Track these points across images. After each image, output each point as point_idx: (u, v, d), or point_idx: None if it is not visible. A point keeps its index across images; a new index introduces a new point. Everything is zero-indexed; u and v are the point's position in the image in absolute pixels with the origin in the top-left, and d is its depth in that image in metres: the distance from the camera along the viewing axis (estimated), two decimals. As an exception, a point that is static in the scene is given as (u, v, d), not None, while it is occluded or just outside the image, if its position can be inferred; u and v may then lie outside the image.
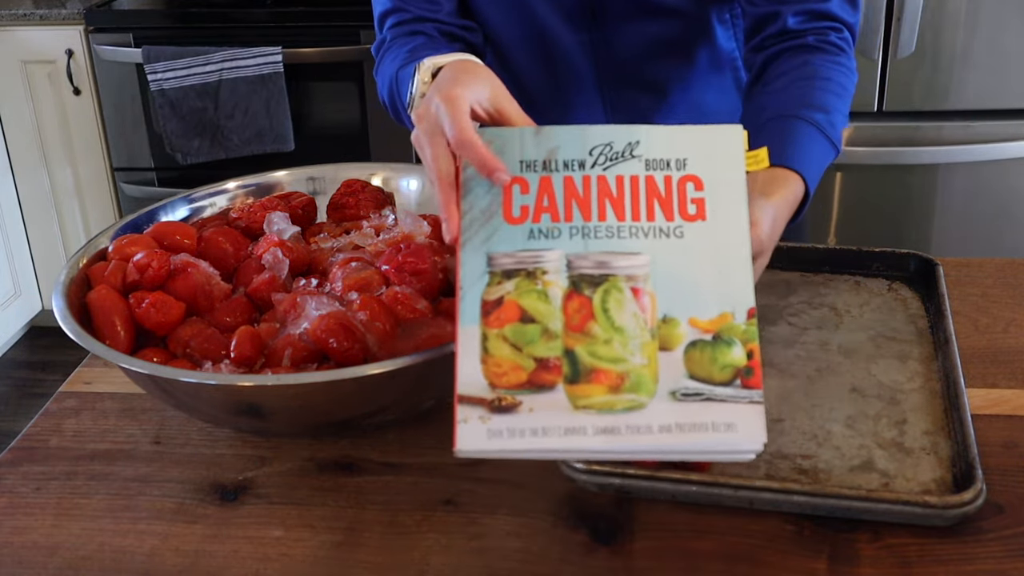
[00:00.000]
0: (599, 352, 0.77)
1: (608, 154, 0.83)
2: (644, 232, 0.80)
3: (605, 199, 0.81)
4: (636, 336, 0.77)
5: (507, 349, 0.77)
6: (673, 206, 0.81)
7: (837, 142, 1.04)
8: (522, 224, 0.81)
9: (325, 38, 2.65)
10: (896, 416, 0.93)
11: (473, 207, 0.81)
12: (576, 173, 0.82)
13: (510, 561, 0.80)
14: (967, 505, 0.79)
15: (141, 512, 0.87)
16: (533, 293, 0.78)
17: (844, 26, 1.14)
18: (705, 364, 0.76)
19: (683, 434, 0.74)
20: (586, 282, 0.79)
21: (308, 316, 0.91)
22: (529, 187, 0.82)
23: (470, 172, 0.82)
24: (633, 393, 0.75)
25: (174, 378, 0.85)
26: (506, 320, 0.78)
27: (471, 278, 0.79)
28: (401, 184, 1.17)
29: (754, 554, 0.80)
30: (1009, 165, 2.45)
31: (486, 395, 0.75)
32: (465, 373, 0.76)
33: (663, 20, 1.19)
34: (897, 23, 2.34)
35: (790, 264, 1.17)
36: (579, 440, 0.74)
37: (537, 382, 0.76)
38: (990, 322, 1.09)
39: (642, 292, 0.78)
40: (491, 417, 0.74)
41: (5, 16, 2.75)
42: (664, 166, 0.82)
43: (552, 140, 0.83)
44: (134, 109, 2.78)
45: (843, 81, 1.10)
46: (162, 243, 1.01)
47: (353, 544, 0.83)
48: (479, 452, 0.74)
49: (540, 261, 0.79)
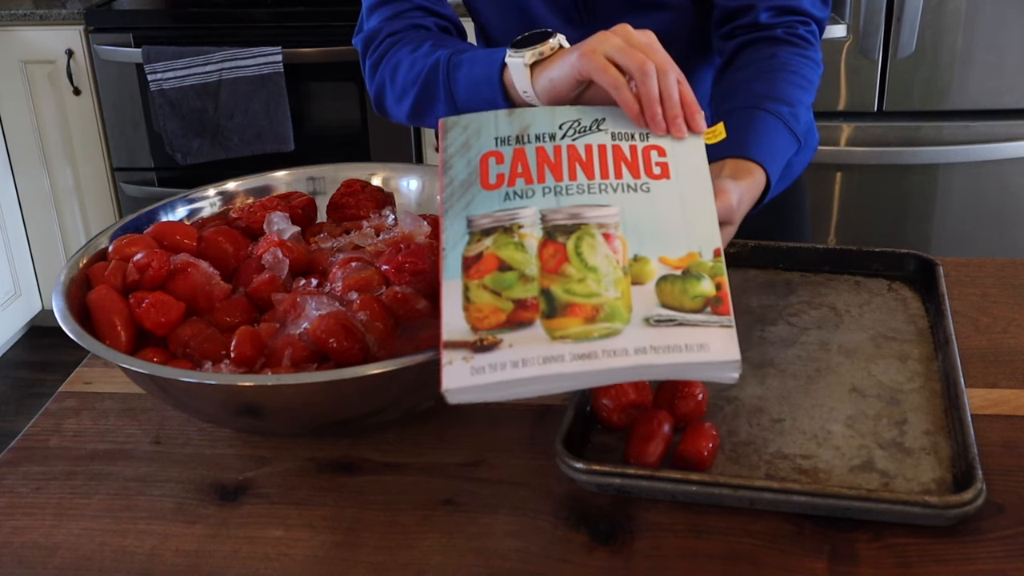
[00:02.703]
0: (574, 289, 0.80)
1: (577, 128, 0.89)
2: (613, 188, 0.85)
3: (575, 162, 0.87)
4: (609, 274, 0.81)
5: (487, 296, 0.80)
6: (639, 167, 0.87)
7: (800, 135, 1.08)
8: (498, 189, 0.86)
9: (325, 38, 2.65)
10: (896, 416, 0.93)
11: (453, 180, 0.87)
12: (548, 144, 0.89)
13: (510, 561, 0.80)
14: (967, 505, 0.79)
15: (141, 512, 0.87)
16: (510, 245, 0.83)
17: (813, 20, 1.18)
18: (676, 295, 0.80)
19: (658, 355, 0.76)
20: (560, 231, 0.83)
21: (308, 316, 0.91)
22: (504, 158, 0.88)
23: (451, 151, 0.89)
24: (608, 322, 0.78)
25: (174, 378, 0.85)
26: (486, 271, 0.82)
27: (452, 240, 0.84)
28: (401, 184, 1.17)
29: (754, 554, 0.80)
30: (1009, 165, 2.45)
31: (468, 338, 0.78)
32: (448, 321, 0.79)
33: (654, 15, 1.22)
34: (897, 23, 2.34)
35: (790, 264, 1.17)
36: (557, 366, 0.76)
37: (516, 320, 0.79)
38: (990, 322, 1.09)
39: (613, 237, 0.83)
40: (473, 356, 0.77)
41: (5, 16, 2.75)
42: (629, 137, 0.89)
43: (524, 119, 0.90)
44: (134, 109, 2.78)
45: (809, 75, 1.14)
46: (162, 243, 1.01)
47: (353, 544, 0.83)
48: (464, 388, 0.76)
49: (516, 218, 0.84)
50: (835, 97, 2.45)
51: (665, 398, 0.91)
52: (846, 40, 2.38)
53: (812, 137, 1.40)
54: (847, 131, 2.46)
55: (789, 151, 1.07)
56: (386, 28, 1.22)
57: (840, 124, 2.45)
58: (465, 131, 0.90)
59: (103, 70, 2.76)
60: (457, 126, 0.91)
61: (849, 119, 2.46)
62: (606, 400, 0.91)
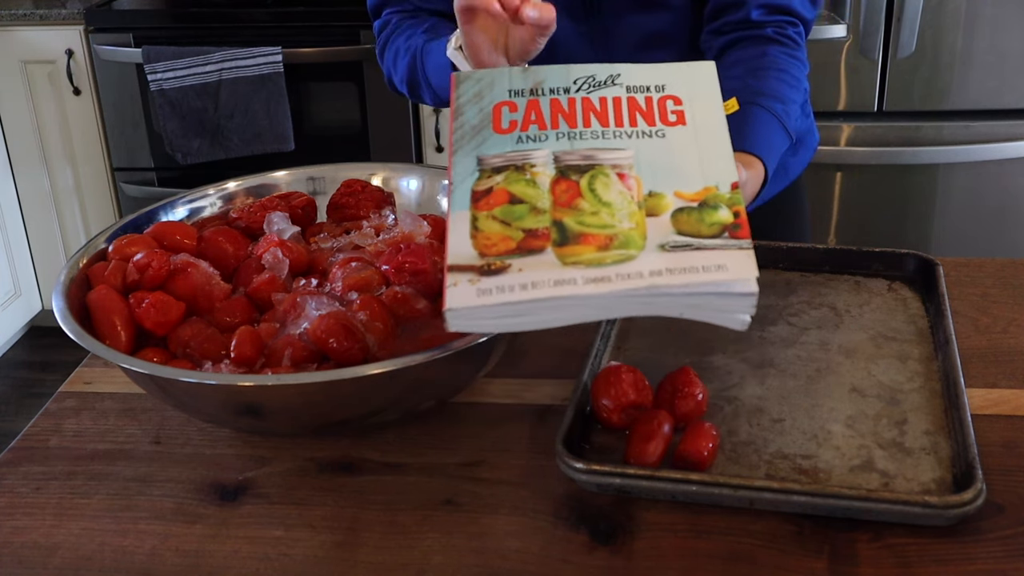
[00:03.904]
0: (587, 220, 0.79)
1: (591, 83, 0.89)
2: (628, 135, 0.85)
3: (590, 112, 0.87)
4: (623, 208, 0.79)
5: (497, 226, 0.79)
6: (655, 116, 0.86)
7: (792, 132, 1.11)
8: (511, 133, 0.85)
9: (325, 38, 2.65)
10: (896, 416, 0.93)
11: (464, 124, 0.86)
12: (562, 96, 0.88)
13: (510, 561, 0.80)
14: (967, 505, 0.79)
15: (141, 512, 0.87)
16: (522, 181, 0.81)
17: (801, 21, 1.20)
18: (693, 223, 0.78)
19: (673, 276, 0.74)
20: (573, 170, 0.82)
21: (308, 316, 0.91)
22: (518, 107, 0.87)
23: (462, 100, 0.88)
24: (622, 248, 0.76)
25: (174, 378, 0.84)
26: (495, 204, 0.80)
27: (461, 176, 0.82)
28: (401, 184, 1.17)
29: (754, 554, 0.80)
30: (1009, 165, 2.45)
31: (475, 262, 0.76)
32: (455, 247, 0.77)
33: (657, 14, 1.23)
34: (897, 23, 2.34)
35: (790, 264, 1.17)
36: (569, 288, 0.74)
37: (526, 247, 0.77)
38: (990, 322, 1.09)
39: (627, 176, 0.82)
40: (480, 279, 0.75)
41: (5, 16, 2.75)
42: (644, 90, 0.89)
43: (538, 75, 0.91)
44: (134, 109, 2.78)
45: (797, 74, 1.17)
46: (162, 243, 1.01)
47: (353, 544, 0.83)
48: (468, 309, 0.73)
49: (528, 158, 0.83)
50: (835, 97, 2.45)
51: (665, 398, 0.92)
52: (846, 40, 2.38)
53: (812, 137, 1.41)
54: (847, 131, 2.46)
55: (783, 147, 1.09)
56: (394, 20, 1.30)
57: (840, 124, 2.45)
58: (478, 83, 0.90)
59: (103, 70, 2.76)
60: (470, 79, 0.91)
61: (849, 119, 2.46)
62: (606, 400, 0.91)
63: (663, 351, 1.03)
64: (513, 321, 0.74)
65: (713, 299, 0.75)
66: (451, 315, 0.73)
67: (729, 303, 0.75)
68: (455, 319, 0.73)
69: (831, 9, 2.37)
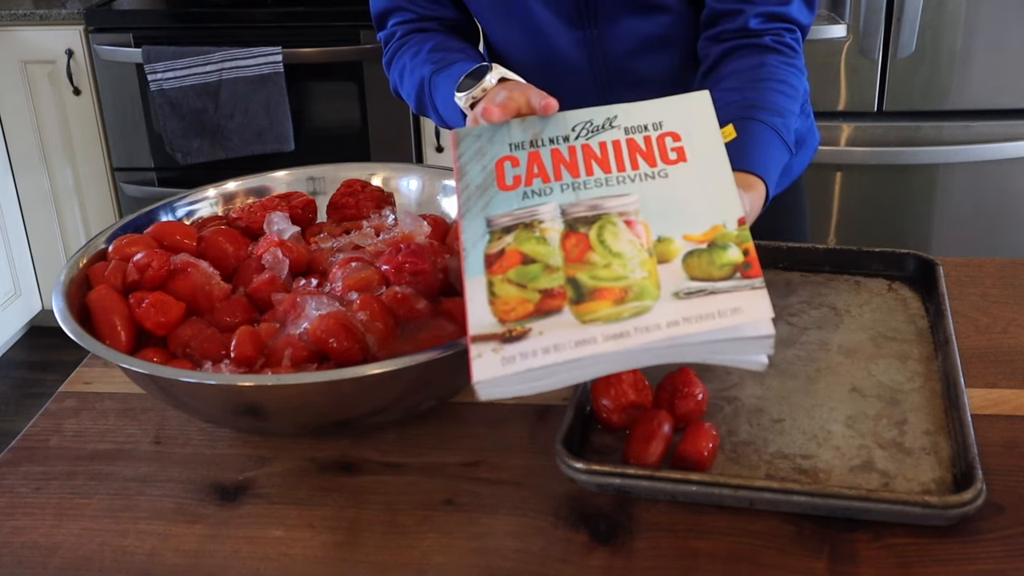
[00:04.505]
0: (600, 274, 0.79)
1: (589, 128, 0.90)
2: (631, 179, 0.85)
3: (591, 159, 0.87)
4: (634, 257, 0.80)
5: (513, 289, 0.80)
6: (655, 156, 0.87)
7: (791, 145, 1.10)
8: (516, 189, 0.86)
9: (325, 38, 2.65)
10: (896, 416, 0.93)
11: (469, 185, 0.87)
12: (562, 145, 0.89)
13: (510, 561, 0.80)
14: (967, 505, 0.79)
15: (141, 512, 0.87)
16: (532, 239, 0.82)
17: (799, 28, 1.20)
18: (704, 266, 0.79)
19: (690, 325, 0.75)
20: (581, 222, 0.83)
21: (308, 316, 0.91)
22: (519, 162, 0.88)
23: (464, 159, 0.89)
24: (638, 300, 0.77)
25: (174, 378, 0.85)
26: (509, 266, 0.81)
27: (473, 240, 0.83)
28: (401, 184, 1.17)
29: (754, 554, 0.80)
30: (1009, 165, 2.45)
31: (497, 330, 0.77)
32: (475, 316, 0.78)
33: (653, 17, 1.22)
34: (897, 23, 2.34)
35: (790, 264, 1.17)
36: (590, 348, 0.75)
37: (544, 309, 0.78)
38: (990, 322, 1.09)
39: (635, 223, 0.82)
40: (503, 347, 0.76)
41: (5, 16, 2.75)
42: (642, 129, 0.89)
43: (536, 125, 0.91)
44: (134, 109, 2.78)
45: (795, 83, 1.16)
46: (162, 243, 1.01)
47: (353, 544, 0.83)
48: (495, 379, 0.75)
49: (536, 214, 0.84)
50: (835, 97, 2.45)
51: (665, 398, 0.91)
52: (846, 40, 2.38)
53: (812, 137, 1.41)
54: (847, 131, 2.46)
55: (783, 161, 1.08)
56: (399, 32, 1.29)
57: (840, 124, 2.45)
58: (478, 139, 0.91)
59: (103, 70, 2.76)
60: (470, 136, 0.92)
61: (849, 119, 2.45)
62: (606, 400, 0.91)
63: (663, 351, 1.03)
64: (540, 384, 0.76)
65: (731, 344, 0.76)
66: (480, 387, 0.75)
67: (747, 347, 0.76)
68: (484, 389, 0.75)
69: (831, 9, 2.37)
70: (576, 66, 1.26)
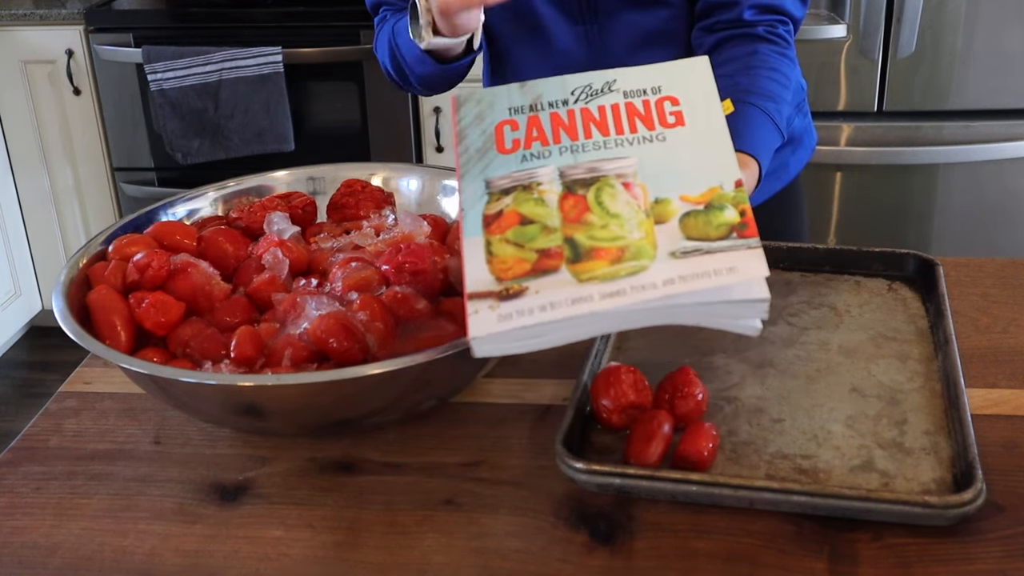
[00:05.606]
0: (598, 235, 0.80)
1: (588, 92, 0.91)
2: (629, 142, 0.86)
3: (590, 123, 0.88)
4: (632, 218, 0.81)
5: (510, 248, 0.80)
6: (653, 119, 0.88)
7: (784, 129, 1.12)
8: (515, 152, 0.87)
9: (325, 38, 2.65)
10: (896, 416, 0.93)
11: (469, 148, 0.88)
12: (561, 109, 0.90)
13: (510, 561, 0.80)
14: (967, 505, 0.79)
15: (141, 512, 0.87)
16: (530, 201, 0.83)
17: (792, 20, 1.22)
18: (700, 227, 0.79)
19: (686, 283, 0.75)
20: (579, 184, 0.83)
21: (308, 316, 0.91)
22: (519, 125, 0.89)
23: (464, 123, 0.90)
24: (634, 260, 0.78)
25: (174, 378, 0.85)
26: (507, 226, 0.82)
27: (471, 201, 0.84)
28: (401, 184, 1.17)
29: (754, 554, 0.80)
30: (1009, 165, 2.45)
31: (494, 288, 0.78)
32: (472, 274, 0.79)
33: (654, 12, 1.23)
34: (897, 23, 2.34)
35: (790, 264, 1.17)
36: (586, 306, 0.75)
37: (541, 268, 0.79)
38: (990, 322, 1.09)
39: (633, 185, 0.83)
40: (500, 304, 0.77)
41: (5, 16, 2.75)
42: (641, 93, 0.90)
43: (536, 89, 0.92)
44: (134, 109, 2.78)
45: (788, 72, 1.18)
46: (162, 243, 1.01)
47: (353, 544, 0.83)
48: (491, 336, 0.75)
49: (534, 176, 0.85)
50: (835, 97, 2.45)
51: (665, 398, 0.91)
52: (846, 40, 2.38)
53: (810, 137, 1.41)
54: (847, 131, 2.46)
55: (776, 144, 1.10)
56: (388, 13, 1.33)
57: (840, 124, 2.45)
58: (478, 104, 0.91)
59: (103, 70, 2.76)
60: (470, 100, 0.92)
61: (849, 119, 2.46)
62: (606, 400, 0.91)
63: (663, 351, 1.03)
64: (535, 342, 0.76)
65: (726, 307, 0.76)
66: (475, 343, 0.76)
67: (741, 310, 0.76)
68: (479, 346, 0.76)
69: (831, 9, 2.37)
70: (576, 61, 1.26)
